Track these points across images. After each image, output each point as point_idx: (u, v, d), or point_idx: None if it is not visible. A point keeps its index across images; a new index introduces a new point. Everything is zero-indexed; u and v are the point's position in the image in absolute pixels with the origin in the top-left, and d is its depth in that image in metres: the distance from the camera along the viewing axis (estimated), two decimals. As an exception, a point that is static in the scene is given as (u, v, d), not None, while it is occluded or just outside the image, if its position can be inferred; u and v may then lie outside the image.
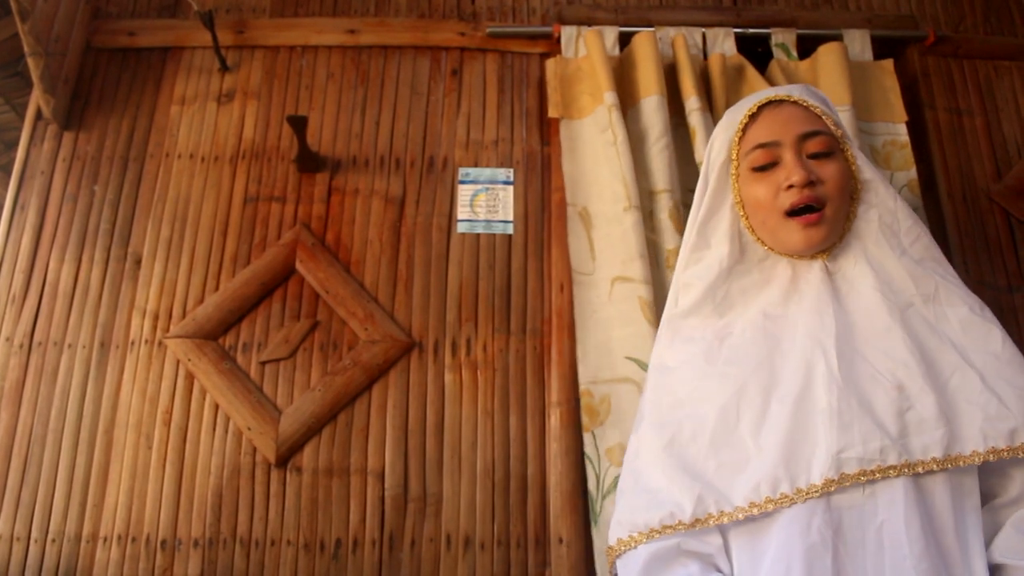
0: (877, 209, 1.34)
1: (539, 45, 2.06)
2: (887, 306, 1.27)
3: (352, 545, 1.66)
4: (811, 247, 1.32)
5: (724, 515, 1.18)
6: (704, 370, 1.33)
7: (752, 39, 2.04)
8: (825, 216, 1.29)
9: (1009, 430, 1.15)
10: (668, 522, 1.21)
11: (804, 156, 1.31)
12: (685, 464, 1.24)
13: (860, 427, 1.16)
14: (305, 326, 1.81)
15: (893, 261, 1.32)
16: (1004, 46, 2.15)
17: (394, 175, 1.95)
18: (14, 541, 1.67)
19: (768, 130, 1.34)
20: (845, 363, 1.23)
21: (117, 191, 1.94)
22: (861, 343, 1.25)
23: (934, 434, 1.16)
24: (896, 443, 1.15)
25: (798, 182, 1.28)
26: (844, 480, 1.14)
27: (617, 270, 1.77)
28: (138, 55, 2.07)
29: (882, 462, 1.14)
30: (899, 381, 1.20)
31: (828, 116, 1.35)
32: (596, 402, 1.70)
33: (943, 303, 1.29)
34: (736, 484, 1.19)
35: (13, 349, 1.81)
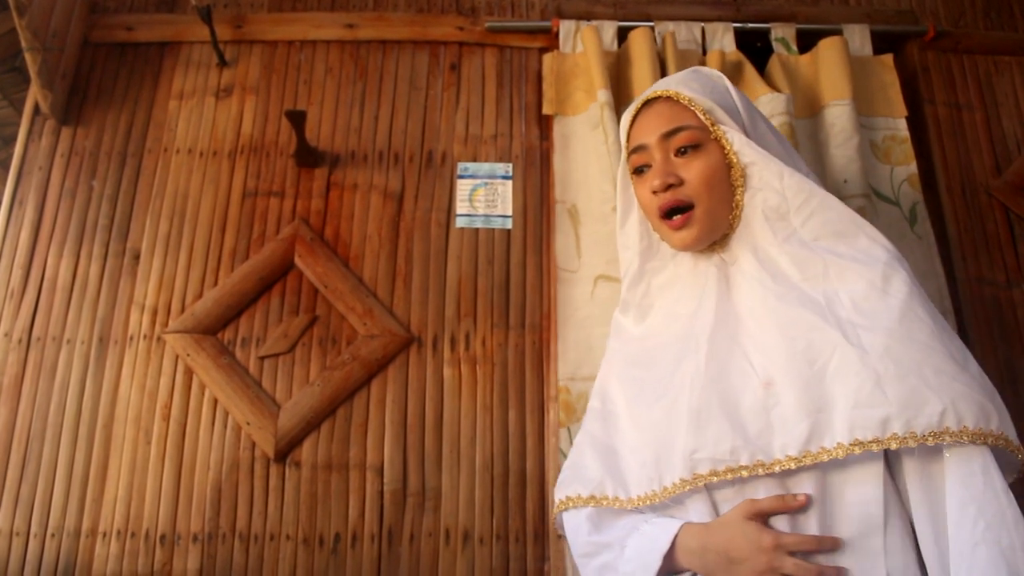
0: (762, 193, 1.27)
1: (538, 40, 2.06)
2: (765, 296, 1.22)
3: (351, 540, 1.66)
4: (685, 248, 1.31)
5: (618, 500, 1.23)
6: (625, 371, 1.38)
7: (751, 34, 2.04)
8: (695, 216, 1.27)
9: (880, 419, 1.05)
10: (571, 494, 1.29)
11: (671, 155, 1.29)
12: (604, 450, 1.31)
13: (715, 427, 1.14)
14: (304, 321, 1.81)
15: (777, 246, 1.26)
16: (1004, 41, 2.14)
17: (393, 170, 1.94)
18: (13, 536, 1.67)
19: (639, 133, 1.33)
20: (716, 361, 1.21)
21: (115, 186, 1.93)
22: (743, 337, 1.22)
23: (793, 431, 1.09)
24: (751, 443, 1.11)
25: (657, 188, 1.27)
26: (697, 480, 1.13)
27: (601, 269, 1.78)
28: (136, 50, 2.07)
29: (733, 463, 1.11)
30: (769, 377, 1.15)
31: (699, 105, 1.29)
32: (573, 399, 1.70)
33: (834, 282, 1.19)
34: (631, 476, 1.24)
35: (12, 344, 1.80)
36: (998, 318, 1.84)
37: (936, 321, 1.14)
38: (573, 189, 1.88)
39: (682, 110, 1.29)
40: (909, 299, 1.14)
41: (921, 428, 1.03)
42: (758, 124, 1.34)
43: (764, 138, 1.32)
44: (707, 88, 1.32)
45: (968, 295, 1.84)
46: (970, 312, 1.83)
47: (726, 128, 1.28)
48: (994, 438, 1.04)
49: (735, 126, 1.29)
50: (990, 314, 1.84)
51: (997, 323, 1.84)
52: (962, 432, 1.03)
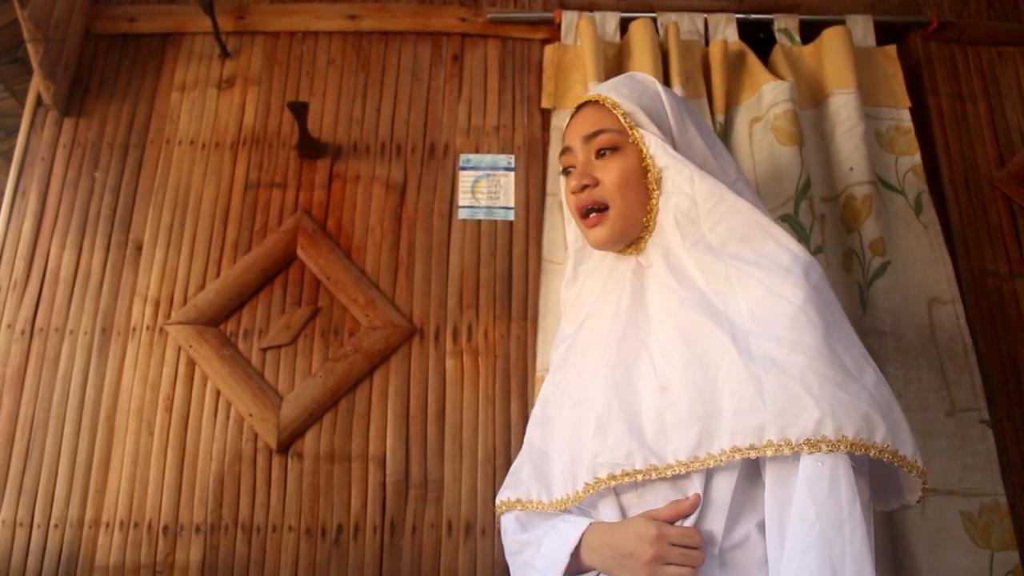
0: (675, 197, 1.27)
1: (540, 31, 2.05)
2: (670, 300, 1.23)
3: (353, 531, 1.67)
4: (600, 246, 1.33)
5: (541, 504, 1.25)
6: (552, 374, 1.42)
7: (754, 24, 2.03)
8: (608, 216, 1.28)
9: (756, 426, 1.05)
10: (503, 498, 1.33)
11: (592, 156, 1.30)
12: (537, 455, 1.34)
13: (614, 433, 1.15)
14: (306, 312, 1.81)
15: (684, 252, 1.26)
16: (1008, 32, 2.13)
17: (395, 161, 1.94)
18: (17, 527, 1.68)
19: (568, 135, 1.36)
20: (622, 365, 1.22)
21: (118, 177, 1.93)
22: (651, 341, 1.23)
23: (684, 435, 1.10)
24: (645, 447, 1.12)
25: (572, 188, 1.30)
26: (599, 484, 1.14)
27: None
28: (138, 41, 2.07)
29: (628, 467, 1.12)
30: (666, 381, 1.16)
31: (620, 108, 1.30)
32: None
33: (735, 287, 1.19)
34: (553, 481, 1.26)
35: (15, 336, 1.81)
36: (1001, 309, 1.84)
37: (833, 329, 1.13)
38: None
39: (606, 114, 1.31)
40: (804, 304, 1.13)
41: (796, 436, 1.03)
42: (687, 130, 1.34)
43: (691, 144, 1.32)
44: (635, 93, 1.33)
45: (971, 286, 1.84)
46: (973, 303, 1.82)
47: (644, 132, 1.29)
48: (877, 450, 1.03)
49: (656, 131, 1.29)
50: (993, 305, 1.84)
51: (1000, 314, 1.84)
52: (840, 442, 1.01)
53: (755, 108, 1.88)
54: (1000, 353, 1.80)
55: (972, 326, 1.79)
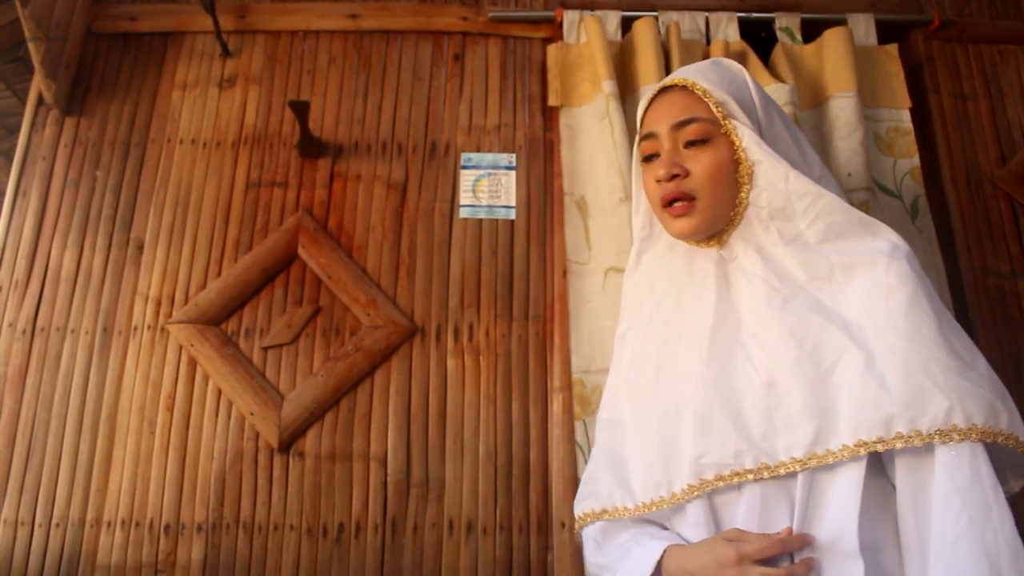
0: (767, 193, 1.25)
1: (541, 30, 2.05)
2: (769, 296, 1.21)
3: (355, 530, 1.67)
4: (683, 236, 1.31)
5: (627, 510, 1.24)
6: (621, 372, 1.39)
7: (755, 23, 2.03)
8: (696, 207, 1.26)
9: (883, 418, 1.04)
10: (586, 510, 1.31)
11: (680, 146, 1.27)
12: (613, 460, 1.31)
13: (719, 431, 1.14)
14: (307, 311, 1.81)
15: (781, 248, 1.25)
16: (1009, 30, 2.13)
17: (396, 160, 1.94)
18: (18, 526, 1.68)
19: (651, 121, 1.32)
20: (718, 362, 1.20)
21: (119, 177, 1.93)
22: (745, 337, 1.21)
23: (798, 432, 1.09)
24: (755, 446, 1.11)
25: (661, 177, 1.27)
26: (704, 486, 1.13)
27: (611, 261, 1.77)
28: (139, 40, 2.07)
29: (738, 467, 1.11)
30: (771, 377, 1.14)
31: (713, 97, 1.27)
32: (588, 391, 1.71)
33: (840, 283, 1.19)
34: (637, 484, 1.24)
35: (16, 335, 1.81)
36: (1002, 308, 1.84)
37: (943, 317, 1.13)
38: (581, 181, 1.88)
39: (696, 101, 1.28)
40: (915, 295, 1.13)
41: (926, 426, 1.02)
42: (774, 121, 1.32)
43: (779, 136, 1.30)
44: (725, 80, 1.30)
45: (972, 285, 1.84)
46: (974, 302, 1.82)
47: (737, 123, 1.26)
48: (1004, 437, 1.03)
49: (748, 122, 1.27)
50: (994, 304, 1.84)
51: (1001, 313, 1.83)
52: (970, 430, 1.01)
53: (756, 110, 1.88)
54: (1002, 352, 1.79)
55: (973, 325, 1.78)
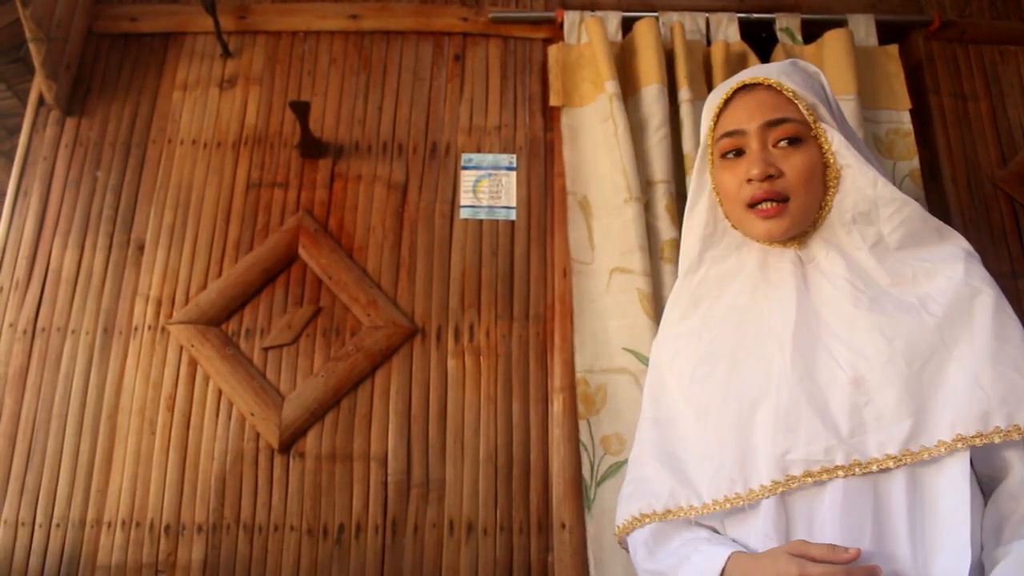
0: (852, 197, 1.26)
1: (542, 30, 2.05)
2: (854, 296, 1.22)
3: (355, 530, 1.67)
4: (771, 239, 1.30)
5: (693, 509, 1.21)
6: (684, 370, 1.35)
7: (756, 24, 2.03)
8: (787, 209, 1.25)
9: (980, 413, 1.07)
10: (645, 511, 1.27)
11: (770, 145, 1.27)
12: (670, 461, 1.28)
13: (807, 427, 1.14)
14: (308, 312, 1.81)
15: (865, 251, 1.26)
16: (1010, 31, 2.13)
17: (397, 161, 1.94)
18: (19, 526, 1.68)
19: (736, 117, 1.30)
20: (802, 359, 1.20)
21: (119, 177, 1.93)
22: (826, 336, 1.21)
23: (892, 429, 1.10)
24: (845, 442, 1.11)
25: (756, 176, 1.25)
26: (791, 482, 1.13)
27: (616, 261, 1.77)
28: (140, 40, 2.07)
29: (828, 463, 1.11)
30: (858, 375, 1.15)
31: (803, 99, 1.27)
32: (592, 391, 1.70)
33: (924, 286, 1.21)
34: (704, 482, 1.22)
35: (17, 335, 1.81)
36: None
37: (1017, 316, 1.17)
38: (584, 181, 1.88)
39: (786, 102, 1.28)
40: (998, 298, 1.18)
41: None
42: (845, 124, 1.33)
43: (853, 139, 1.31)
44: (807, 83, 1.31)
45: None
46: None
47: (826, 127, 1.27)
48: None
49: (834, 125, 1.28)
50: (995, 305, 1.84)
51: (1002, 314, 1.83)
52: None
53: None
54: (1002, 353, 1.79)
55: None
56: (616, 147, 1.81)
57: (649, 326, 1.67)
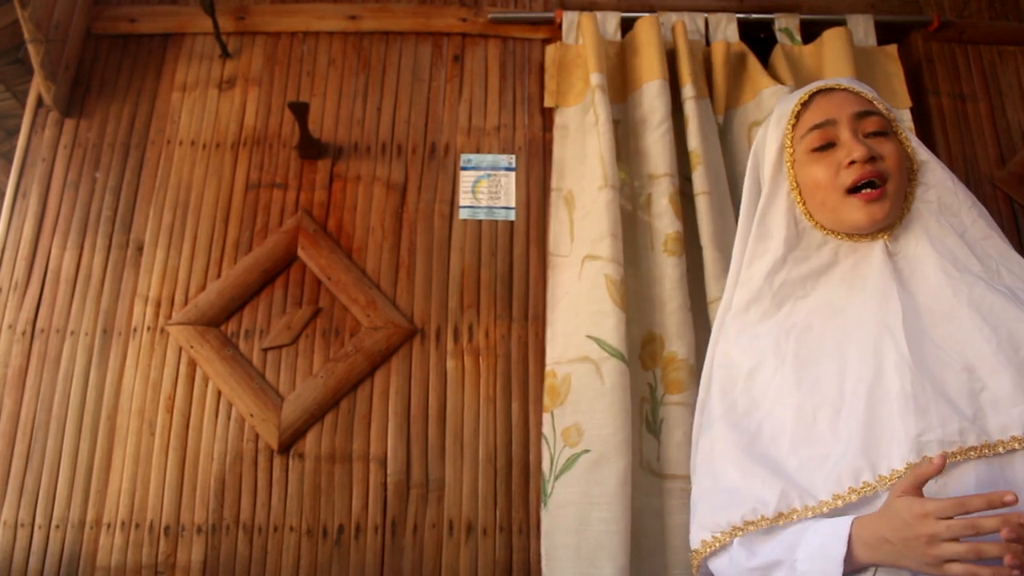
0: (936, 189, 1.34)
1: (541, 31, 2.05)
2: (952, 286, 1.24)
3: (355, 531, 1.67)
4: (874, 223, 1.30)
5: (808, 509, 1.16)
6: (776, 368, 1.32)
7: (755, 24, 2.03)
8: (887, 191, 1.29)
9: None
10: (751, 517, 1.20)
11: (860, 135, 1.32)
12: (767, 463, 1.24)
13: (937, 410, 1.13)
14: (307, 313, 1.81)
15: (955, 239, 1.30)
16: (1009, 31, 2.13)
17: (396, 161, 1.94)
18: (18, 527, 1.68)
19: (823, 112, 1.35)
20: (915, 346, 1.20)
21: (118, 178, 1.93)
22: (928, 325, 1.22)
23: (1011, 412, 1.10)
24: (973, 424, 1.11)
25: (860, 157, 1.28)
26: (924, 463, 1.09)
27: (588, 249, 1.75)
28: (139, 41, 2.07)
29: (962, 443, 1.10)
30: (968, 362, 1.16)
31: (879, 102, 1.37)
32: (558, 382, 1.70)
33: (1007, 277, 1.26)
34: (818, 478, 1.18)
35: (16, 336, 1.81)
36: None
37: None
38: (568, 175, 1.88)
39: (867, 101, 1.36)
40: None
41: None
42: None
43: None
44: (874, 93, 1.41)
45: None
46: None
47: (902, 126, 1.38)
48: None
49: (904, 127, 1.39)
50: (994, 305, 1.84)
51: (1001, 314, 1.83)
52: None
53: (755, 112, 1.88)
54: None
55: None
56: (596, 137, 1.81)
57: (614, 312, 1.65)
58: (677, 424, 1.63)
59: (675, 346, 1.68)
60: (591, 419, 1.60)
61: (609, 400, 1.60)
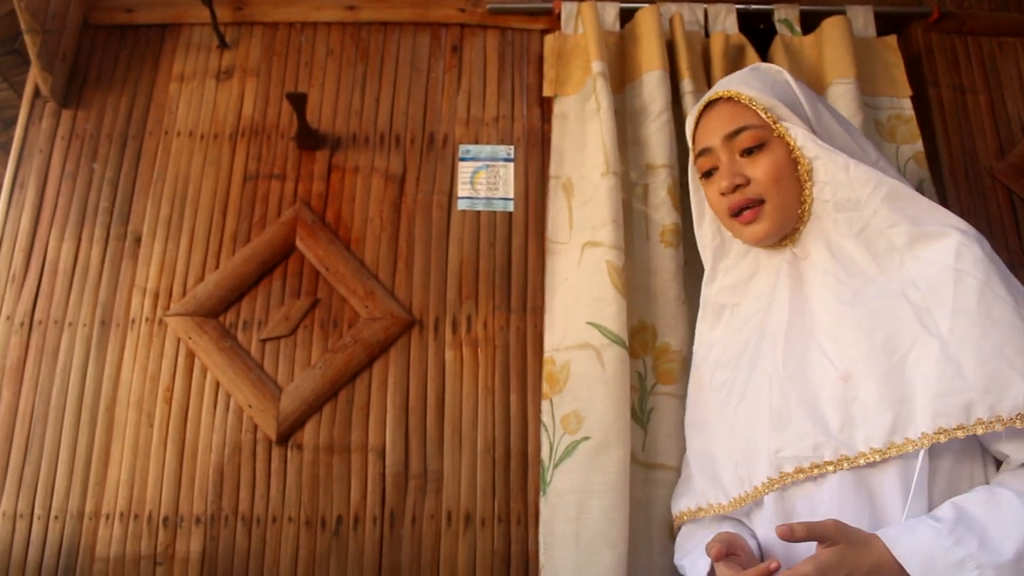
0: (830, 186, 1.27)
1: (540, 21, 2.05)
2: (839, 289, 1.23)
3: (353, 522, 1.67)
4: (759, 242, 1.33)
5: (720, 507, 1.30)
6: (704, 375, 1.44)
7: (754, 15, 2.02)
8: (765, 211, 1.29)
9: (963, 404, 1.05)
10: (682, 508, 1.41)
11: (736, 155, 1.31)
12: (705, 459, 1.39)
13: (795, 426, 1.17)
14: (305, 304, 1.81)
15: (850, 240, 1.26)
16: (1009, 22, 2.12)
17: (394, 152, 1.94)
18: (17, 518, 1.68)
19: (703, 136, 1.37)
20: (793, 357, 1.22)
21: (116, 169, 1.93)
22: (819, 332, 1.23)
23: (876, 422, 1.10)
24: (834, 438, 1.13)
25: (725, 190, 1.31)
26: (784, 479, 1.16)
27: (588, 236, 1.75)
28: (136, 32, 2.06)
29: (817, 459, 1.13)
30: (847, 370, 1.16)
31: (760, 103, 1.30)
32: (557, 370, 1.70)
33: (910, 270, 1.19)
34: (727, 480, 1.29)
35: (14, 328, 1.81)
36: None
37: (1019, 298, 1.12)
38: (568, 163, 1.87)
39: (743, 110, 1.31)
40: (987, 279, 1.13)
41: (1007, 411, 1.03)
42: (823, 116, 1.34)
43: (829, 129, 1.33)
44: (767, 85, 1.33)
45: (971, 278, 1.83)
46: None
47: (788, 124, 1.29)
48: None
49: (798, 121, 1.30)
50: (993, 297, 1.84)
51: (1000, 306, 1.83)
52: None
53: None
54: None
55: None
56: (598, 125, 1.81)
57: (616, 299, 1.65)
58: (667, 415, 1.64)
59: (668, 337, 1.68)
60: (591, 406, 1.60)
61: (610, 387, 1.60)
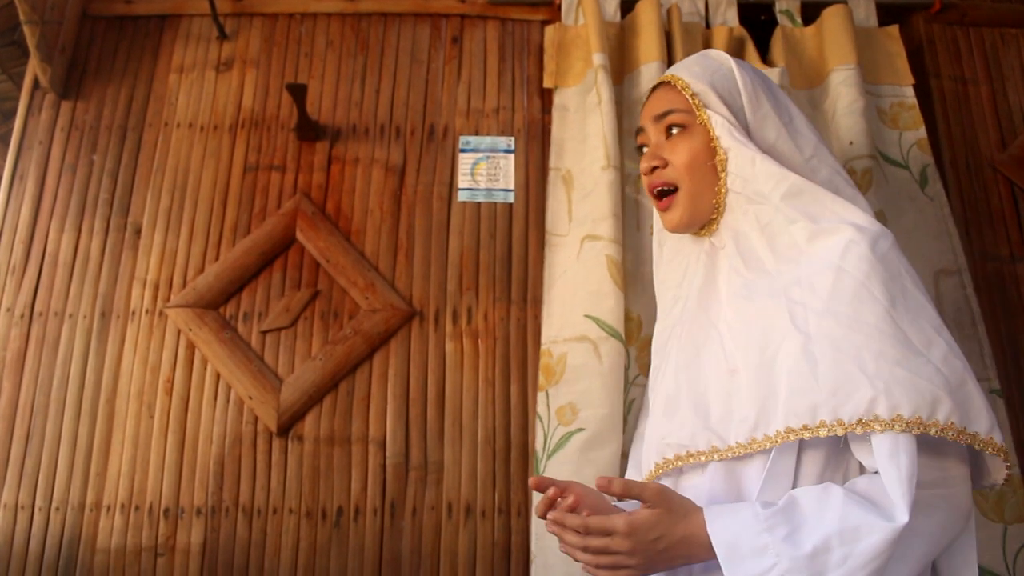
0: (740, 178, 1.25)
1: (540, 12, 2.04)
2: (740, 283, 1.23)
3: (354, 513, 1.67)
4: (674, 229, 1.33)
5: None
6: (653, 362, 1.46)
7: (755, 7, 2.02)
8: (677, 199, 1.28)
9: (810, 406, 1.04)
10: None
11: (663, 137, 1.31)
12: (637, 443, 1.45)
13: (681, 415, 1.20)
14: (306, 295, 1.81)
15: (755, 233, 1.25)
16: (1011, 13, 2.12)
17: (394, 144, 1.93)
18: (19, 510, 1.68)
19: (642, 116, 1.37)
20: (693, 348, 1.25)
21: (116, 160, 1.93)
22: (721, 324, 1.23)
23: (745, 417, 1.10)
24: (708, 429, 1.15)
25: (644, 170, 1.31)
26: (667, 464, 1.20)
27: (588, 229, 1.75)
28: (135, 23, 2.05)
29: (692, 448, 1.16)
30: (734, 365, 1.16)
31: (690, 88, 1.28)
32: (553, 361, 1.70)
33: (804, 266, 1.16)
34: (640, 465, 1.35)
35: (14, 319, 1.81)
36: (1001, 293, 1.84)
37: (900, 301, 1.09)
38: (568, 155, 1.87)
39: (676, 94, 1.30)
40: (867, 278, 1.09)
41: (848, 415, 1.01)
42: (761, 106, 1.30)
43: (765, 120, 1.29)
44: (708, 71, 1.31)
45: (972, 270, 1.83)
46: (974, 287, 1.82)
47: (711, 113, 1.27)
48: (938, 428, 0.98)
49: (725, 111, 1.27)
50: (994, 289, 1.84)
51: (1000, 298, 1.83)
52: (894, 421, 0.98)
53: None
54: (1000, 336, 1.79)
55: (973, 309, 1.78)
56: (599, 117, 1.80)
57: (614, 293, 1.66)
58: None
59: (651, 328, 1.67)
60: (587, 398, 1.62)
61: (607, 380, 1.62)
